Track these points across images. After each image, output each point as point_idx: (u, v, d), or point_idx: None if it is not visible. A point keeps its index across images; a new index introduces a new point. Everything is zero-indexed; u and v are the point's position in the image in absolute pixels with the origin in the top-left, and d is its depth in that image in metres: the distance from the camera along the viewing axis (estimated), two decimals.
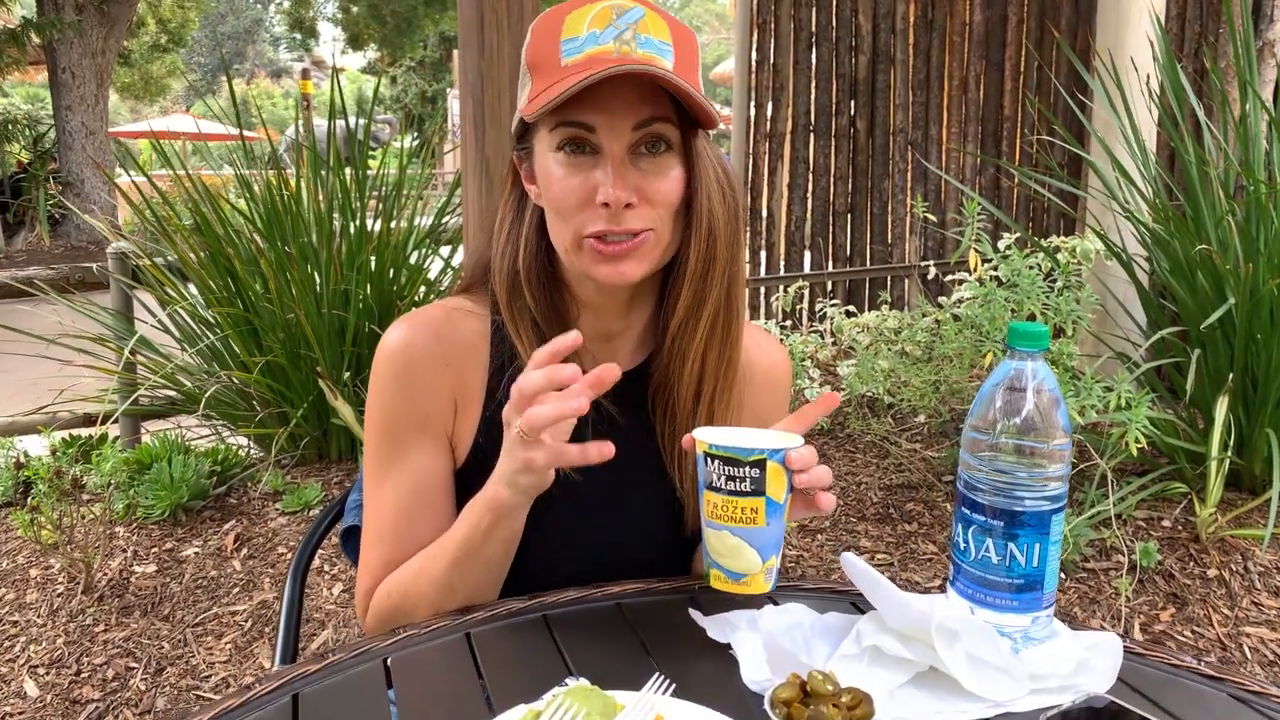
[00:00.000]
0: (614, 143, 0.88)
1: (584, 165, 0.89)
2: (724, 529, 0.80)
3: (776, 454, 0.79)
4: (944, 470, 2.93)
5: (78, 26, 10.29)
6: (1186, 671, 0.83)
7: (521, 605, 0.91)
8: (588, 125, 0.88)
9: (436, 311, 0.99)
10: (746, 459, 0.78)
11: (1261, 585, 2.37)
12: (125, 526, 2.68)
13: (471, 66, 2.18)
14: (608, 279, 0.90)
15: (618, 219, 0.88)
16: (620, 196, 0.86)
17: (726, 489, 0.79)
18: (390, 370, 0.96)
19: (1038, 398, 0.80)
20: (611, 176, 0.87)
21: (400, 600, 0.94)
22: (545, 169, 0.91)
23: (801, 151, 4.48)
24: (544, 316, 0.95)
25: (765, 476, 0.79)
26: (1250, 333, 2.45)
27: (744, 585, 0.82)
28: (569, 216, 0.90)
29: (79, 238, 10.78)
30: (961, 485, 0.84)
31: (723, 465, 0.79)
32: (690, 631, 0.86)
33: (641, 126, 0.88)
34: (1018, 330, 0.81)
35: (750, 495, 0.79)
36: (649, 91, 0.88)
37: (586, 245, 0.90)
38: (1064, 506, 0.82)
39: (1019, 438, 0.80)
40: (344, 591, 2.41)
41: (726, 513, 0.80)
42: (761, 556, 0.81)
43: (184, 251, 3.03)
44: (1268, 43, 3.10)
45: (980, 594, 0.83)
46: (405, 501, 0.96)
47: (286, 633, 1.08)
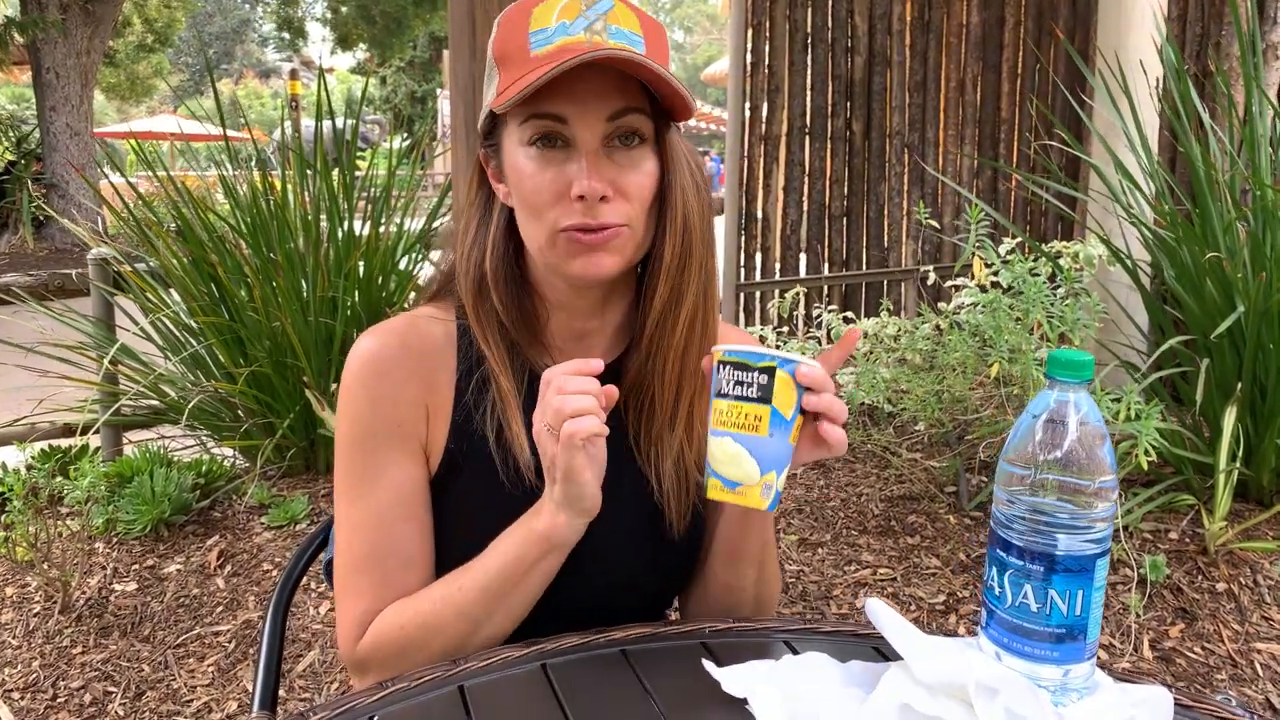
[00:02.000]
0: (587, 133, 0.85)
1: (556, 159, 0.86)
2: (725, 435, 0.79)
3: (787, 364, 0.78)
4: (946, 481, 2.88)
5: (61, 26, 10.17)
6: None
7: (518, 654, 0.84)
8: (560, 116, 0.85)
9: (400, 322, 0.96)
10: (756, 364, 0.78)
11: (1272, 600, 2.32)
12: (105, 543, 2.60)
13: (463, 69, 2.12)
14: (582, 272, 0.87)
15: (593, 212, 0.85)
16: (596, 189, 0.84)
17: (733, 394, 0.78)
18: (359, 382, 0.92)
19: (1081, 431, 0.74)
20: (586, 169, 0.84)
21: (416, 632, 0.88)
22: (515, 164, 0.88)
23: (797, 154, 4.42)
24: (511, 320, 0.93)
25: (773, 385, 0.77)
26: (1260, 342, 2.40)
27: (739, 495, 0.79)
28: (542, 212, 0.87)
29: (64, 240, 10.66)
30: (996, 526, 0.78)
31: (733, 370, 0.78)
32: (703, 682, 0.79)
33: (615, 117, 0.86)
34: (1059, 360, 0.74)
35: (755, 401, 0.78)
36: (622, 83, 0.85)
37: (561, 240, 0.87)
38: (1109, 550, 0.76)
39: (1061, 475, 0.74)
40: (330, 610, 2.33)
41: (730, 418, 0.78)
42: (761, 468, 0.78)
43: (166, 258, 2.95)
44: (1271, 44, 3.06)
45: (1017, 643, 0.76)
46: (386, 515, 0.91)
47: (266, 676, 1.01)
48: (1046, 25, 4.43)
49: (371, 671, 0.91)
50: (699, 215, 0.91)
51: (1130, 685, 0.76)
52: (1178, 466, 2.59)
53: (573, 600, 0.92)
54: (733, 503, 0.80)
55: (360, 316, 2.94)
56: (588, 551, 0.91)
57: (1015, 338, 2.45)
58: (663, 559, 0.98)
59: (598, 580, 0.94)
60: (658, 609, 1.05)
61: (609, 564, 0.94)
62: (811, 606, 2.34)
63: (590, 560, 0.92)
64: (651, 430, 0.95)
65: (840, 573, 2.47)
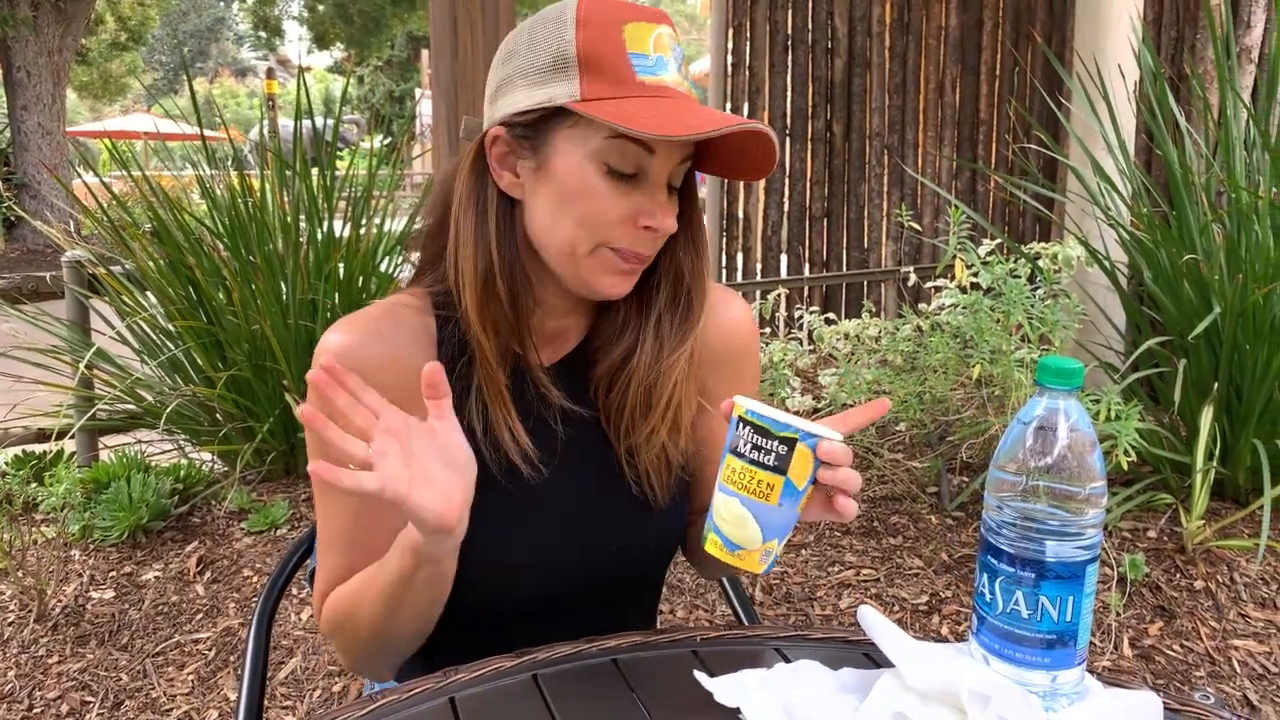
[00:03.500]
0: (664, 171, 0.88)
1: (626, 184, 0.87)
2: (735, 496, 0.77)
3: (809, 439, 0.76)
4: (928, 482, 2.89)
5: (32, 23, 10.02)
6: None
7: (510, 665, 0.84)
8: (650, 149, 0.86)
9: (376, 310, 0.94)
10: (778, 433, 0.75)
11: (1248, 597, 2.35)
12: (81, 549, 2.57)
13: (445, 70, 2.10)
14: (608, 290, 0.90)
15: (654, 245, 0.90)
16: (669, 226, 0.88)
17: (749, 457, 0.76)
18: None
19: (1071, 438, 0.74)
20: (664, 206, 0.88)
21: (346, 618, 0.91)
22: (575, 173, 0.86)
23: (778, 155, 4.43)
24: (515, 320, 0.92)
25: (791, 456, 0.75)
26: (1236, 343, 2.43)
27: (737, 558, 0.78)
28: (600, 229, 0.87)
29: (36, 241, 10.51)
30: (986, 532, 0.78)
31: (753, 433, 0.76)
32: (694, 692, 0.79)
33: (682, 161, 0.90)
34: (1049, 367, 0.75)
35: (771, 470, 0.75)
36: None
37: (604, 254, 0.89)
38: (1098, 556, 0.76)
39: (1052, 481, 0.74)
40: (313, 617, 2.31)
41: (742, 481, 0.76)
42: (764, 535, 0.77)
43: (142, 260, 2.91)
44: (1245, 48, 3.10)
45: (1008, 649, 0.77)
46: (354, 508, 0.92)
47: (251, 689, 0.99)
48: (1024, 28, 4.46)
49: (332, 640, 0.95)
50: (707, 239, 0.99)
51: (1121, 690, 0.76)
52: (1156, 466, 2.62)
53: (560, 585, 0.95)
54: (728, 563, 0.79)
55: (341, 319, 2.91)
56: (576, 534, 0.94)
57: (996, 339, 2.47)
58: (647, 536, 0.99)
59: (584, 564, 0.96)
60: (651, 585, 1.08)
61: (594, 547, 0.96)
62: (796, 608, 2.35)
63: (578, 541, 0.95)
64: (626, 421, 0.95)
65: (824, 574, 2.48)
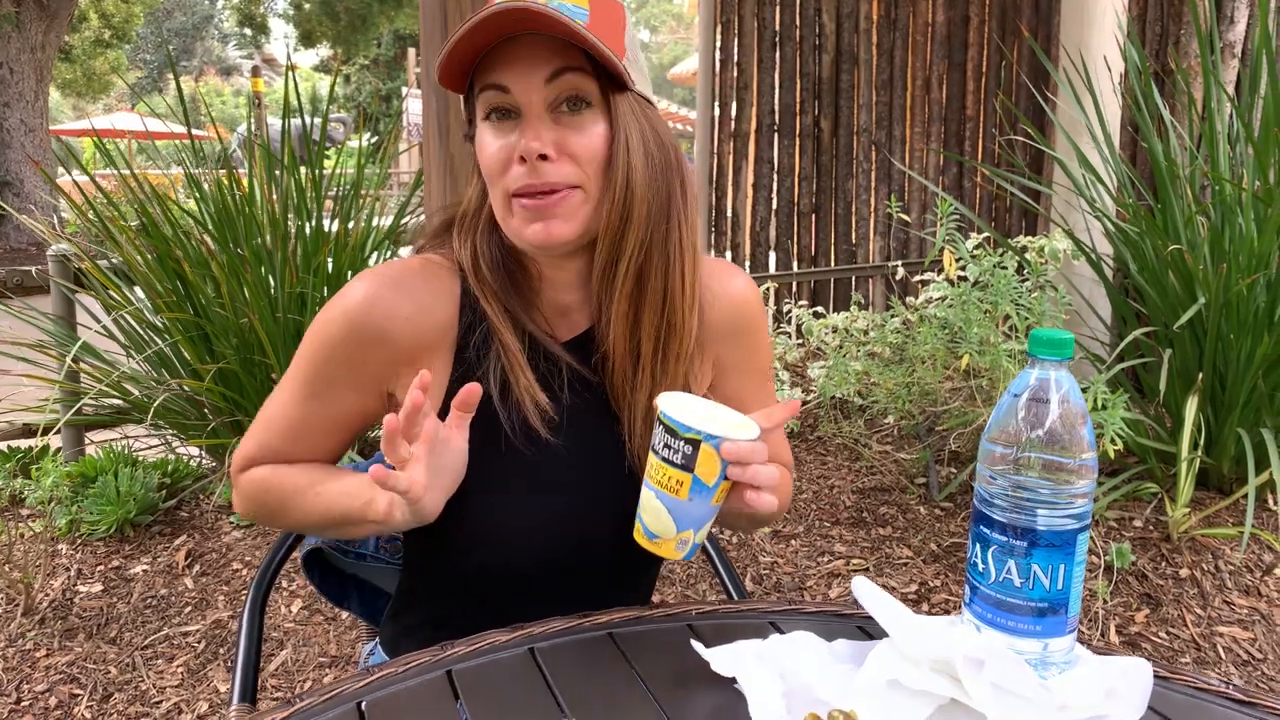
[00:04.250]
0: (528, 97, 0.87)
1: (507, 129, 0.89)
2: (652, 490, 0.82)
3: (713, 439, 0.79)
4: (916, 472, 2.91)
5: (14, 19, 9.93)
6: (1215, 696, 0.78)
7: (505, 639, 0.84)
8: (501, 85, 0.87)
9: (405, 266, 0.96)
10: (682, 434, 0.79)
11: (1233, 584, 2.38)
12: (68, 544, 2.55)
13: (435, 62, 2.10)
14: (535, 239, 0.89)
15: (537, 172, 0.87)
16: (533, 147, 0.86)
17: (662, 454, 0.80)
18: (346, 319, 0.93)
19: (1063, 409, 0.75)
20: (525, 130, 0.87)
21: (275, 503, 0.96)
22: (479, 141, 0.91)
23: (766, 151, 4.44)
24: (505, 293, 0.95)
25: (697, 455, 0.79)
26: (1220, 333, 2.45)
27: (655, 545, 0.83)
28: (496, 180, 0.90)
29: (19, 239, 10.41)
30: (979, 503, 0.79)
31: (664, 432, 0.80)
32: (691, 664, 0.79)
33: (554, 78, 0.87)
34: (1040, 338, 0.76)
35: (679, 468, 0.80)
36: (561, 48, 0.87)
37: (515, 206, 0.89)
38: (1089, 525, 0.77)
39: (1044, 452, 0.75)
40: (303, 609, 2.31)
41: (656, 475, 0.81)
42: (677, 526, 0.81)
43: (130, 254, 2.90)
44: (1229, 44, 3.13)
45: (1000, 618, 0.78)
46: (311, 420, 0.97)
47: (245, 669, 0.99)
48: (1010, 24, 4.49)
49: (238, 496, 1.00)
50: (646, 180, 0.90)
51: (1111, 658, 0.78)
52: (1141, 456, 2.64)
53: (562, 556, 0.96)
54: (649, 550, 0.83)
55: None
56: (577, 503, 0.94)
57: (984, 330, 2.49)
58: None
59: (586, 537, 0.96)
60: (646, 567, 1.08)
61: (597, 521, 0.96)
62: (786, 598, 2.36)
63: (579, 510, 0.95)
64: (617, 389, 0.97)
65: (814, 564, 2.49)
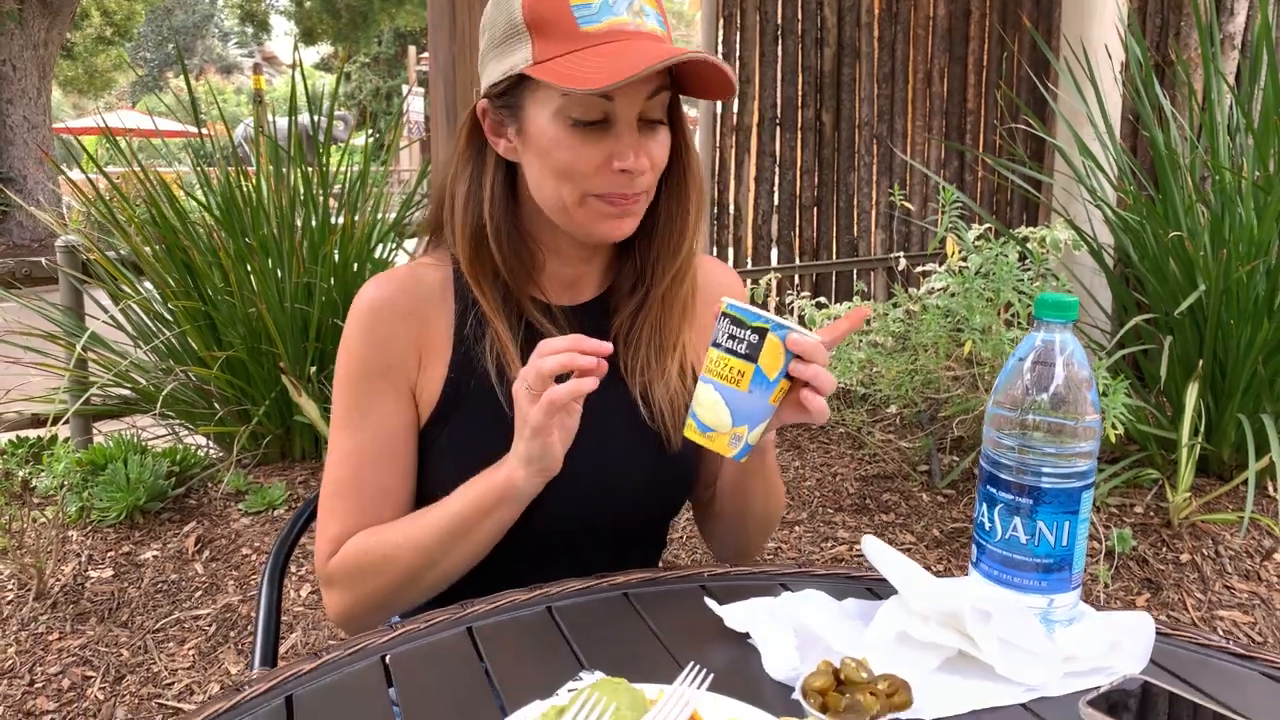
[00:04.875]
0: (630, 112, 0.91)
1: (596, 132, 0.91)
2: (710, 382, 0.83)
3: (780, 329, 0.81)
4: (919, 460, 2.93)
5: (16, 16, 9.94)
6: (1217, 651, 0.81)
7: (524, 597, 0.86)
8: (608, 95, 0.89)
9: (402, 270, 1.02)
10: (750, 323, 0.81)
11: (1233, 569, 2.40)
12: (78, 530, 2.57)
13: (442, 50, 2.12)
14: (607, 235, 0.94)
15: (632, 184, 0.92)
16: (643, 165, 0.91)
17: (725, 346, 0.82)
18: (359, 321, 0.99)
19: (1068, 371, 0.77)
20: (632, 146, 0.90)
21: (378, 559, 0.94)
22: (547, 131, 0.91)
23: (768, 145, 4.46)
24: (509, 267, 0.98)
25: (762, 345, 0.81)
26: (1220, 320, 2.47)
27: (709, 439, 0.83)
28: (578, 180, 0.92)
29: (21, 235, 10.43)
30: (986, 463, 0.81)
31: (729, 324, 0.82)
32: (704, 621, 0.81)
33: (652, 96, 0.91)
34: (1046, 301, 0.78)
35: (743, 358, 0.81)
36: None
37: (592, 203, 0.93)
38: (1093, 483, 0.79)
39: (1049, 413, 0.77)
40: (313, 593, 2.33)
41: (717, 368, 0.82)
42: (734, 420, 0.82)
43: (138, 245, 2.92)
44: (1229, 35, 3.15)
45: (1006, 575, 0.80)
46: (369, 448, 0.97)
47: (266, 634, 1.02)
48: (1011, 17, 4.51)
49: (336, 588, 0.96)
50: (705, 179, 0.99)
51: (1114, 613, 0.80)
52: (1142, 443, 2.66)
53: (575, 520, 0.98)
54: (701, 445, 0.84)
55: (336, 303, 2.92)
56: (588, 473, 0.96)
57: (985, 318, 2.51)
58: (659, 478, 1.03)
59: (599, 500, 0.99)
60: (658, 533, 1.11)
61: (609, 485, 0.99)
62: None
63: (590, 481, 0.97)
64: (641, 360, 1.00)
65: (817, 549, 2.51)
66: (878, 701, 0.64)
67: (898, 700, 0.65)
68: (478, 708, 0.70)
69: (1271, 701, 0.74)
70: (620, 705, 0.59)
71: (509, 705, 0.68)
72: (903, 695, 0.66)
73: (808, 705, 0.64)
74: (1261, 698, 0.74)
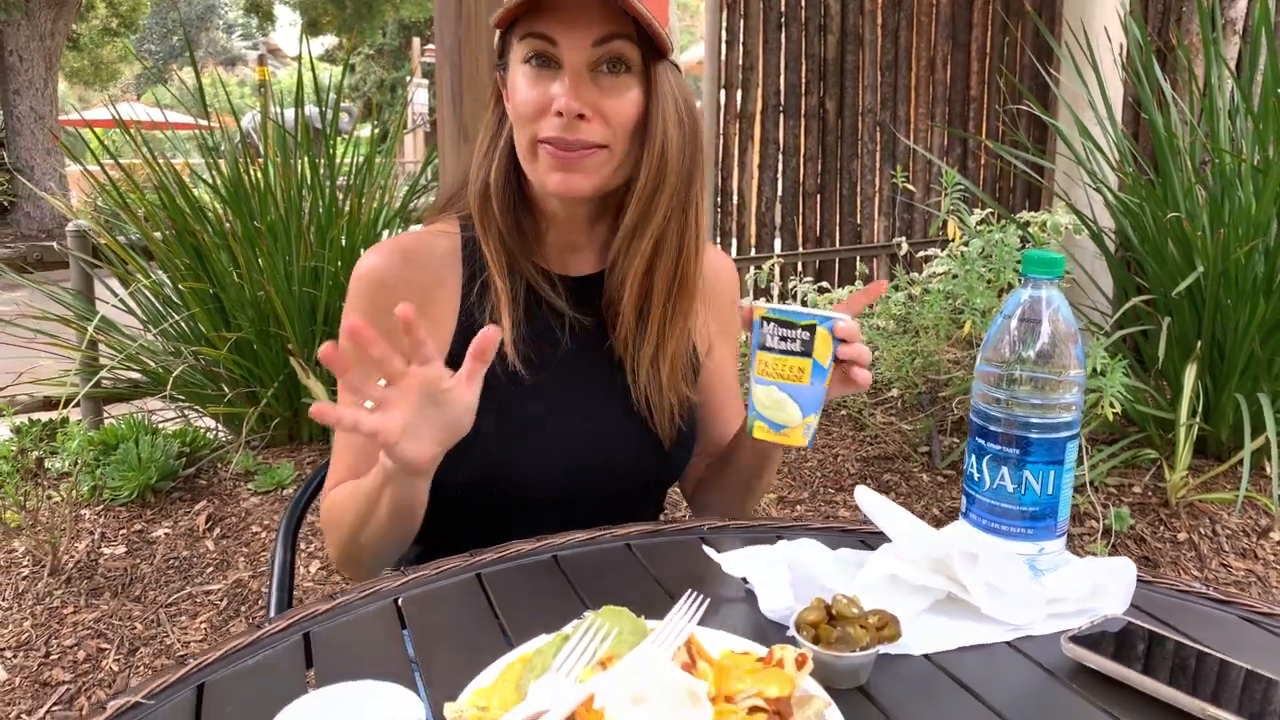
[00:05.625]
0: (573, 55, 0.92)
1: (545, 77, 0.93)
2: (772, 384, 0.90)
3: (827, 321, 0.89)
4: (919, 441, 2.96)
5: (23, 7, 9.98)
6: (1196, 597, 0.84)
7: (530, 547, 0.89)
8: (549, 37, 0.92)
9: (408, 237, 1.04)
10: (801, 323, 0.88)
11: (1229, 548, 2.43)
12: (91, 509, 2.61)
13: (448, 32, 2.15)
14: (558, 188, 0.95)
15: (571, 128, 0.91)
16: (573, 106, 0.91)
17: (779, 348, 0.89)
18: (360, 290, 1.01)
19: (1053, 326, 0.80)
20: (568, 87, 0.91)
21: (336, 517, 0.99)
22: (513, 80, 0.96)
23: (771, 132, 4.48)
24: (508, 226, 1.00)
25: (814, 340, 0.88)
26: (1218, 301, 2.49)
27: (784, 435, 0.90)
28: (526, 123, 0.94)
29: (29, 226, 10.49)
30: (975, 416, 0.84)
31: (777, 327, 0.89)
32: (703, 569, 0.85)
33: (601, 42, 0.92)
34: (1033, 258, 0.81)
35: (799, 355, 0.88)
36: (613, 12, 0.91)
37: (541, 151, 0.94)
38: (1078, 434, 0.82)
39: (1034, 368, 0.80)
40: (321, 569, 2.37)
41: (776, 370, 0.89)
42: (803, 411, 0.89)
43: (147, 230, 2.95)
44: (1230, 20, 3.16)
45: (994, 523, 0.83)
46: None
47: (280, 587, 1.05)
48: (1014, 3, 4.52)
49: (327, 536, 1.02)
50: (679, 147, 0.96)
51: (1097, 558, 0.83)
52: (1141, 424, 2.69)
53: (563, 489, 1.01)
54: (776, 441, 0.91)
55: (344, 286, 2.95)
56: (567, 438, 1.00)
57: (985, 300, 2.53)
58: (648, 453, 1.05)
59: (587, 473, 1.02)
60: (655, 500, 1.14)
61: (594, 460, 1.02)
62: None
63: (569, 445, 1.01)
64: (625, 343, 1.03)
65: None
66: (868, 634, 0.67)
67: (887, 633, 0.68)
68: (486, 643, 0.73)
69: (1247, 641, 0.77)
70: (623, 630, 0.62)
71: (517, 643, 0.71)
72: (892, 629, 0.69)
73: (801, 637, 0.67)
74: (1238, 638, 0.77)
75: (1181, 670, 0.68)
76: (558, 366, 1.01)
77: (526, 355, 0.99)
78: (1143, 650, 0.71)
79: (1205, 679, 0.67)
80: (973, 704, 0.67)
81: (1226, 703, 0.64)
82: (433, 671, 0.69)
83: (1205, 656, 0.70)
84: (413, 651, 0.72)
